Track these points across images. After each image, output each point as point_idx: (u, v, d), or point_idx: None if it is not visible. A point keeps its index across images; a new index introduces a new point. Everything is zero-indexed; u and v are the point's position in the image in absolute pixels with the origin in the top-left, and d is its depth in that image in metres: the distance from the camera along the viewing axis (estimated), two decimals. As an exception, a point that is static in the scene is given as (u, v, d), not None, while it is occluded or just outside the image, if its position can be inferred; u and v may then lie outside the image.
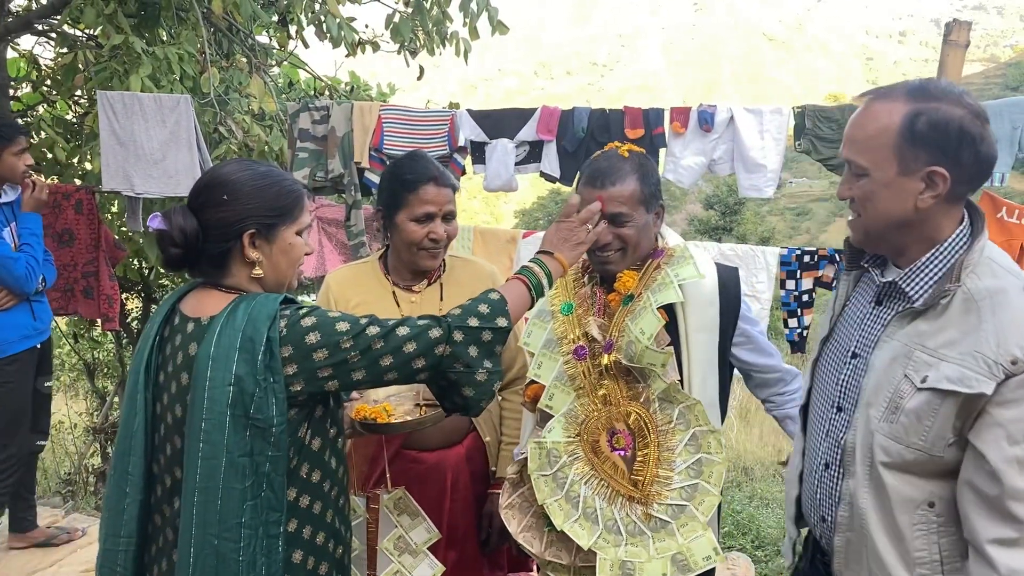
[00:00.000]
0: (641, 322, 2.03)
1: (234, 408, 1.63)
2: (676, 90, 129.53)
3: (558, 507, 2.10)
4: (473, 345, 1.75)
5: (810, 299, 4.31)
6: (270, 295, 1.75)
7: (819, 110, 4.06)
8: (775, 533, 7.14)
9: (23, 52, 7.72)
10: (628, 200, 2.10)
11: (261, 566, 1.65)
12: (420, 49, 7.44)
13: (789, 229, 74.57)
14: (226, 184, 1.76)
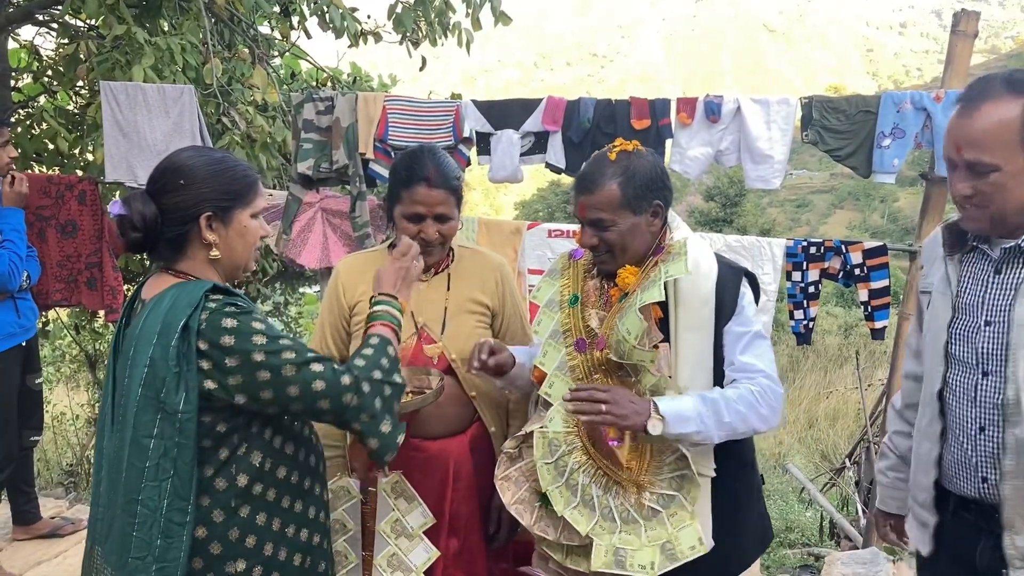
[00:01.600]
0: (627, 322, 2.06)
1: (146, 389, 1.69)
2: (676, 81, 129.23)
3: (559, 494, 2.15)
4: (378, 397, 1.83)
5: (816, 291, 4.29)
6: (200, 283, 1.80)
7: (826, 101, 4.03)
8: (777, 525, 7.15)
9: (24, 43, 7.69)
10: (606, 205, 2.12)
11: (156, 548, 1.69)
12: (422, 40, 7.41)
13: (789, 221, 74.52)
14: (182, 169, 1.84)
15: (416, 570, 2.35)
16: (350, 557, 2.37)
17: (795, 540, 6.96)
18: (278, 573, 1.86)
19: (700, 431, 2.05)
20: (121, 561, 1.70)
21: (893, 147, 3.90)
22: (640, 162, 2.14)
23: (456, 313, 2.46)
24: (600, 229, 2.14)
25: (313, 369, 1.74)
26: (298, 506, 1.91)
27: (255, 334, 1.72)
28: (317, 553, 1.97)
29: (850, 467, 6.86)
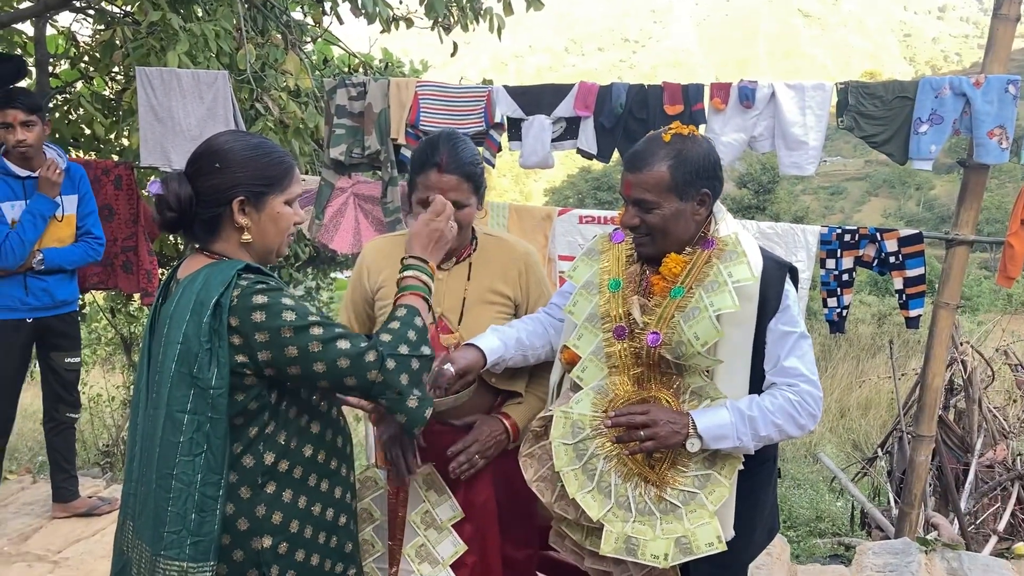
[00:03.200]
0: (696, 327, 2.01)
1: (180, 365, 1.73)
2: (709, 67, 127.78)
3: (573, 476, 2.14)
4: (404, 373, 1.84)
5: (850, 279, 4.24)
6: (233, 262, 1.83)
7: (862, 86, 3.98)
8: (807, 514, 7.12)
9: (62, 29, 7.78)
10: (653, 187, 2.07)
11: (191, 521, 1.73)
12: (454, 25, 7.41)
13: (823, 208, 73.66)
14: (219, 153, 1.87)
15: (443, 562, 2.36)
16: (376, 546, 2.38)
17: (825, 530, 6.92)
18: (303, 550, 1.88)
19: (736, 446, 2.07)
20: (156, 535, 1.73)
21: (930, 133, 3.84)
22: (694, 147, 2.08)
23: (475, 303, 2.44)
24: (643, 210, 2.09)
25: (339, 346, 1.76)
26: (324, 485, 1.93)
27: (285, 310, 1.74)
28: (343, 533, 1.99)
29: (882, 457, 6.79)
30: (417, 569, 2.37)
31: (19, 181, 3.94)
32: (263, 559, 1.83)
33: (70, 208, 4.12)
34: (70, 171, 4.12)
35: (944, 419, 6.01)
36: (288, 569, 1.86)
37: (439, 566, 2.37)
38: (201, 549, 1.73)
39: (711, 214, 2.17)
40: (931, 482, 5.72)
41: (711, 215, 2.17)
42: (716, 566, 2.15)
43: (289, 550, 1.86)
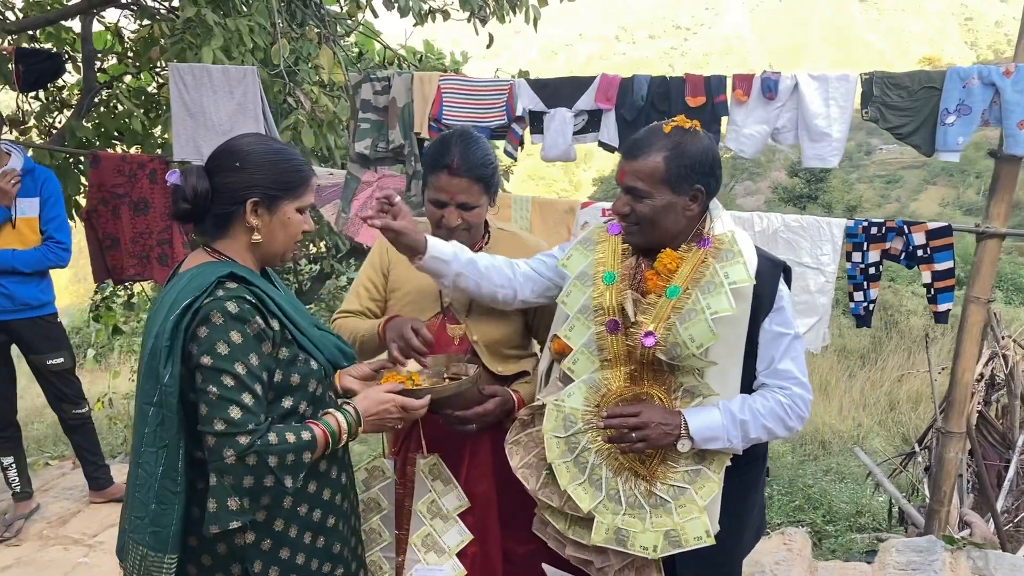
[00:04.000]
0: (692, 329, 2.01)
1: (150, 359, 1.79)
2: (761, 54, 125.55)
3: (565, 468, 2.14)
4: (250, 477, 1.76)
5: (877, 272, 4.17)
6: (218, 266, 1.87)
7: (888, 77, 3.90)
8: (847, 508, 7.03)
9: (109, 25, 7.96)
10: (646, 176, 2.06)
11: (151, 511, 1.79)
12: (490, 17, 7.41)
13: (878, 197, 71.98)
14: (240, 153, 1.91)
15: (449, 551, 2.40)
16: (384, 535, 2.43)
17: (865, 525, 6.83)
18: (287, 548, 1.92)
19: (726, 447, 2.08)
20: (129, 517, 1.83)
21: (958, 124, 3.76)
22: (692, 142, 2.07)
23: None
24: (635, 199, 2.09)
25: (229, 410, 1.74)
26: (312, 487, 1.96)
27: (220, 343, 1.76)
28: (331, 534, 2.02)
29: (920, 452, 6.67)
30: (423, 558, 2.41)
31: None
32: (246, 554, 1.87)
33: (30, 211, 4.06)
34: (34, 172, 4.08)
35: (985, 415, 5.89)
36: (272, 565, 1.90)
37: (445, 555, 2.41)
38: (160, 539, 1.79)
39: (706, 212, 2.15)
40: (969, 479, 5.61)
41: (707, 213, 2.15)
42: (706, 565, 2.16)
43: (272, 547, 1.90)
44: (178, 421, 1.78)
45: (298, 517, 1.94)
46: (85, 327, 12.27)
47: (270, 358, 1.85)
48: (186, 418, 1.81)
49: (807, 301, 4.22)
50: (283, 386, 1.89)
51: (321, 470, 1.99)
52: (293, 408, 1.92)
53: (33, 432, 7.63)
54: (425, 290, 2.48)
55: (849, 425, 10.76)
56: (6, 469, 4.32)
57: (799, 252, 4.19)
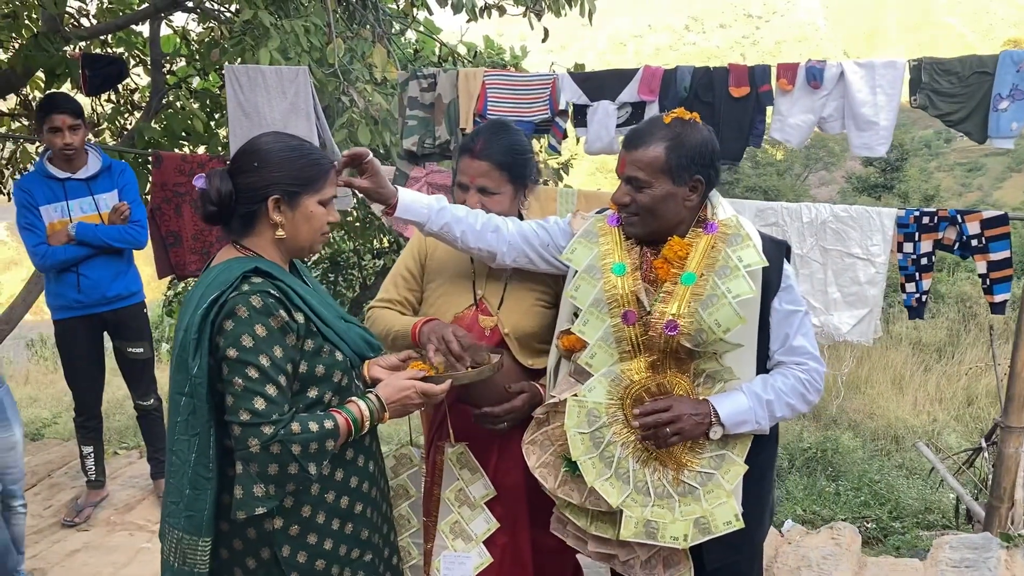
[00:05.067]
0: (717, 314, 2.03)
1: (180, 351, 1.87)
2: (835, 41, 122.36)
3: (591, 465, 2.15)
4: (275, 464, 1.83)
5: (930, 263, 4.08)
6: (244, 261, 1.93)
7: (936, 63, 3.81)
8: (916, 505, 6.86)
9: (176, 29, 8.23)
10: (645, 166, 2.09)
11: (186, 496, 1.88)
12: (545, 11, 7.42)
13: (959, 186, 69.59)
14: (258, 153, 1.97)
15: (476, 539, 2.45)
16: (412, 521, 2.49)
17: (934, 522, 6.67)
18: (315, 534, 1.99)
19: (754, 429, 2.13)
20: (165, 503, 1.93)
21: (1012, 110, 3.66)
22: (692, 133, 2.10)
23: (516, 289, 2.50)
24: (635, 188, 2.11)
25: (253, 400, 1.81)
26: (339, 475, 2.03)
27: (245, 335, 1.83)
28: (359, 520, 2.08)
29: (987, 448, 6.48)
30: (451, 545, 2.46)
31: (59, 183, 4.11)
32: (275, 539, 1.95)
33: (111, 203, 4.21)
34: (111, 168, 4.26)
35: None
36: (300, 550, 1.97)
37: (472, 542, 2.45)
38: (194, 523, 1.88)
39: (707, 201, 2.18)
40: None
41: (707, 202, 2.18)
42: (730, 548, 2.18)
43: (300, 533, 1.97)
44: (208, 410, 1.86)
45: (325, 504, 2.00)
46: (159, 322, 12.70)
47: (295, 350, 1.91)
48: (215, 408, 1.89)
49: (856, 292, 4.16)
50: (308, 377, 1.96)
51: (348, 458, 2.05)
52: (319, 398, 1.98)
53: (115, 424, 7.92)
54: (459, 282, 2.53)
55: (923, 420, 10.47)
56: (85, 457, 4.51)
57: (848, 243, 4.12)
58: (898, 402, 11.26)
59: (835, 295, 4.21)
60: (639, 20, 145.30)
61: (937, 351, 14.31)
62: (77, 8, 7.49)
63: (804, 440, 8.46)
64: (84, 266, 4.11)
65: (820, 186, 49.87)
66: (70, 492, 4.75)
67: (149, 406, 4.51)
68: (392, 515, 2.32)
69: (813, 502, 6.84)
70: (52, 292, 4.21)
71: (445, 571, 2.43)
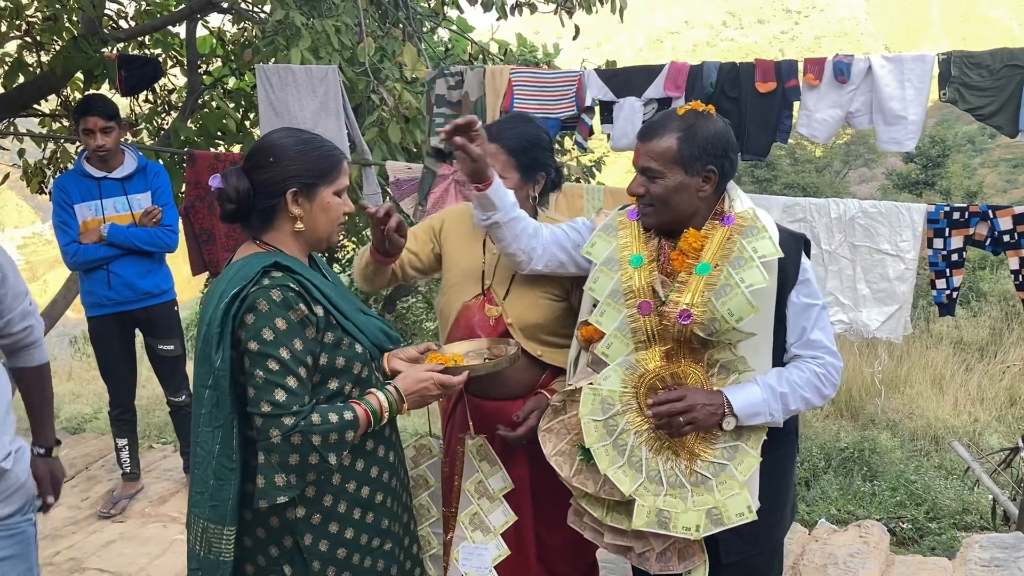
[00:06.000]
0: (729, 303, 2.05)
1: (204, 344, 1.91)
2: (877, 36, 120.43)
3: (604, 452, 2.17)
4: (295, 454, 1.88)
5: (960, 259, 4.02)
6: (264, 256, 1.97)
7: (967, 56, 3.76)
8: (953, 506, 6.77)
9: (212, 29, 8.36)
10: (659, 157, 2.12)
11: (210, 486, 1.92)
12: (576, 8, 7.43)
13: (1004, 183, 68.16)
14: (272, 149, 2.00)
15: (495, 531, 2.47)
16: (432, 511, 2.52)
17: (972, 523, 6.57)
18: (337, 523, 2.03)
19: (768, 421, 2.13)
20: (191, 493, 1.98)
21: (1044, 103, 3.60)
22: (706, 124, 2.12)
23: (523, 281, 2.52)
24: (649, 179, 2.14)
25: (274, 392, 1.86)
26: (360, 464, 2.06)
27: (266, 329, 1.87)
28: (380, 510, 2.11)
29: (1023, 447, 6.38)
30: (470, 536, 2.49)
31: (95, 181, 4.20)
32: (297, 528, 1.99)
33: (145, 205, 4.29)
34: (146, 169, 4.34)
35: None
36: (322, 539, 2.01)
37: (491, 534, 2.48)
38: (218, 512, 1.93)
39: (724, 193, 2.20)
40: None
41: (724, 194, 2.20)
42: (746, 541, 2.18)
43: (322, 522, 2.01)
44: (231, 402, 1.91)
45: (346, 493, 2.04)
46: (195, 320, 12.89)
47: (315, 342, 1.95)
48: (238, 399, 1.93)
49: (886, 289, 4.11)
50: (329, 369, 1.99)
51: (368, 448, 2.08)
52: (339, 389, 2.02)
53: (154, 419, 8.06)
54: (469, 272, 2.57)
55: (964, 420, 10.32)
56: (120, 450, 4.60)
57: (877, 239, 4.08)
58: (938, 402, 11.10)
59: (864, 292, 4.17)
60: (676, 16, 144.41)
61: (979, 350, 14.07)
62: (116, 10, 7.64)
63: (841, 440, 8.38)
64: (114, 264, 4.20)
65: (860, 183, 49.22)
66: (107, 485, 4.85)
67: (181, 402, 4.58)
68: (412, 504, 2.35)
69: (848, 502, 6.78)
70: (85, 290, 4.30)
71: (464, 562, 2.46)
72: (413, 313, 12.37)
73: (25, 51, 7.25)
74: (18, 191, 58.93)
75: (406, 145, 6.42)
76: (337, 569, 2.04)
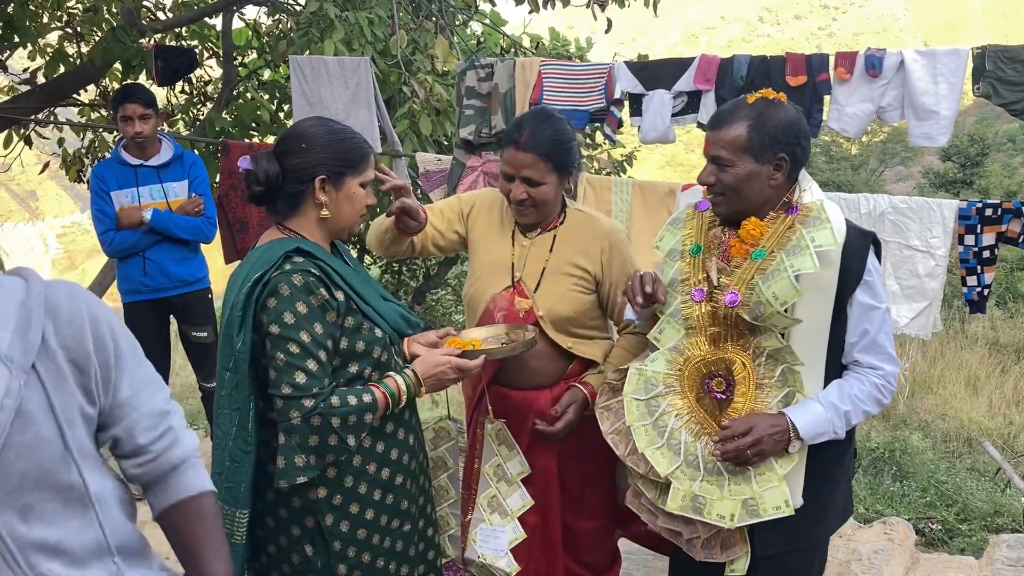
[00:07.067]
0: (775, 286, 2.04)
1: (226, 327, 1.96)
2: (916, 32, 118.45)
3: (644, 432, 2.18)
4: (315, 435, 1.92)
5: (992, 256, 3.98)
6: (286, 242, 2.01)
7: (1002, 50, 3.71)
8: (985, 507, 6.69)
9: (248, 21, 8.46)
10: (728, 145, 2.09)
11: (226, 468, 1.97)
12: (609, 2, 7.42)
13: (1045, 182, 66.95)
14: (304, 136, 2.05)
15: (512, 514, 2.52)
16: (450, 492, 2.56)
17: (1003, 525, 6.51)
18: (357, 504, 2.07)
19: (831, 437, 2.13)
20: (211, 473, 1.99)
21: (1079, 98, 3.55)
22: (776, 112, 2.09)
23: (553, 273, 2.53)
24: (719, 168, 2.12)
25: (295, 375, 1.90)
26: (380, 447, 2.10)
27: (287, 312, 1.92)
28: (399, 492, 2.15)
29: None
30: (488, 519, 2.54)
31: (131, 169, 4.26)
32: (318, 508, 2.03)
33: (180, 193, 4.36)
34: (183, 158, 4.40)
35: None
36: (342, 519, 2.05)
37: (508, 517, 2.53)
38: (233, 494, 1.98)
39: (796, 182, 2.17)
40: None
41: (796, 183, 2.17)
42: (786, 537, 2.15)
43: (343, 502, 2.05)
44: (249, 384, 1.96)
45: (367, 475, 2.08)
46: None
47: (335, 327, 1.99)
48: (258, 382, 1.98)
49: (916, 285, 4.08)
50: (349, 352, 2.03)
51: (388, 431, 2.12)
52: (359, 373, 2.06)
53: (188, 407, 8.19)
54: (497, 264, 2.58)
55: (999, 422, 10.21)
56: None
57: (907, 235, 4.05)
58: (972, 403, 10.98)
59: (893, 288, 4.14)
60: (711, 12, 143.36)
61: (1016, 352, 13.88)
62: (154, 2, 7.77)
63: (872, 440, 8.32)
64: (151, 251, 4.27)
65: (897, 181, 48.54)
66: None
67: (213, 388, 4.66)
68: (430, 488, 2.39)
69: (876, 501, 6.74)
70: (121, 276, 4.38)
71: (481, 543, 2.50)
72: (443, 305, 12.43)
73: (66, 42, 7.40)
74: (58, 181, 59.90)
75: (436, 137, 6.47)
76: (357, 549, 2.08)
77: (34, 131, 7.57)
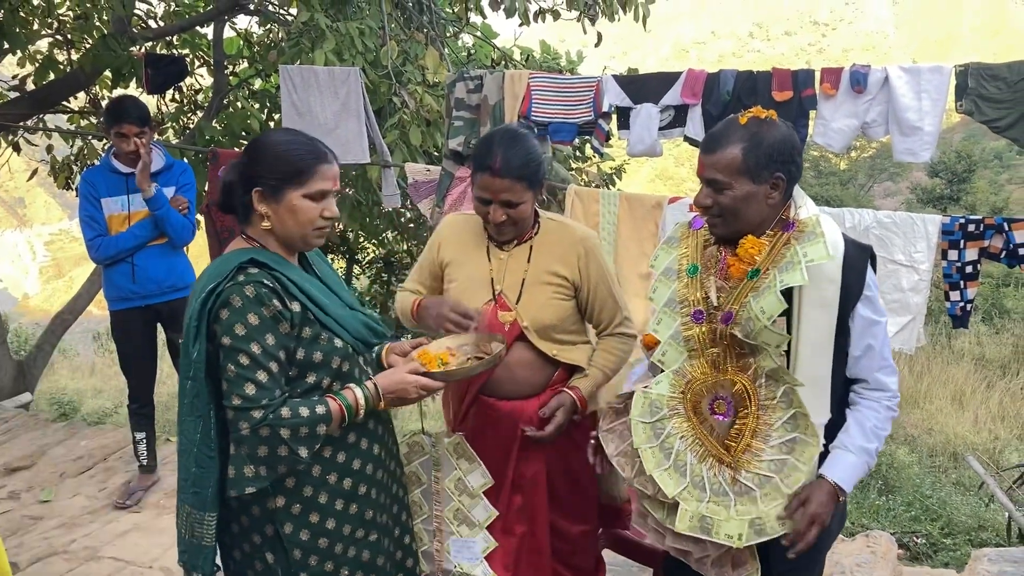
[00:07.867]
0: (763, 301, 2.04)
1: (185, 337, 1.97)
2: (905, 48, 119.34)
3: (651, 454, 2.18)
4: (264, 446, 1.93)
5: (975, 271, 4.01)
6: (240, 253, 2.02)
7: (984, 68, 3.76)
8: (969, 522, 6.72)
9: (239, 31, 8.47)
10: (724, 168, 2.08)
11: (192, 474, 1.98)
12: (599, 16, 7.46)
13: (1032, 199, 67.44)
14: (255, 146, 2.07)
15: (479, 525, 2.54)
16: (424, 508, 2.57)
17: (987, 540, 6.53)
18: (317, 513, 2.08)
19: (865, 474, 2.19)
20: (177, 480, 2.05)
21: (1061, 116, 3.60)
22: (770, 131, 2.08)
23: (533, 283, 2.55)
24: (715, 190, 2.11)
25: (244, 386, 1.91)
26: (340, 457, 2.11)
27: (239, 324, 1.93)
28: (363, 501, 2.16)
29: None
30: (457, 531, 2.56)
31: (122, 177, 4.24)
32: (276, 517, 2.04)
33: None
34: (172, 167, 4.39)
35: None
36: (302, 528, 2.06)
37: (476, 528, 2.55)
38: (200, 499, 1.99)
39: (790, 199, 2.17)
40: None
41: (790, 200, 2.17)
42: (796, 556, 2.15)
43: (302, 512, 2.06)
44: (208, 393, 1.97)
45: (327, 485, 2.09)
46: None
47: (289, 338, 1.99)
48: (217, 391, 1.99)
49: (899, 300, 4.11)
50: (307, 363, 2.03)
51: (350, 441, 2.12)
52: (317, 383, 2.06)
53: (172, 415, 8.15)
54: (476, 278, 2.60)
55: (984, 437, 10.24)
56: (137, 443, 4.66)
57: (891, 249, 4.08)
58: (958, 418, 11.00)
59: (878, 302, 4.17)
60: (702, 26, 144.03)
61: (1001, 367, 13.93)
62: (145, 11, 7.77)
63: (858, 454, 8.32)
64: (139, 256, 4.25)
65: (885, 197, 48.79)
66: (123, 476, 4.92)
67: None
68: (405, 497, 2.40)
69: (862, 515, 6.76)
70: (109, 283, 4.35)
71: (455, 555, 2.53)
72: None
73: (56, 49, 7.40)
74: (46, 188, 59.68)
75: (426, 148, 6.49)
76: (319, 558, 2.09)
77: (23, 138, 7.56)
